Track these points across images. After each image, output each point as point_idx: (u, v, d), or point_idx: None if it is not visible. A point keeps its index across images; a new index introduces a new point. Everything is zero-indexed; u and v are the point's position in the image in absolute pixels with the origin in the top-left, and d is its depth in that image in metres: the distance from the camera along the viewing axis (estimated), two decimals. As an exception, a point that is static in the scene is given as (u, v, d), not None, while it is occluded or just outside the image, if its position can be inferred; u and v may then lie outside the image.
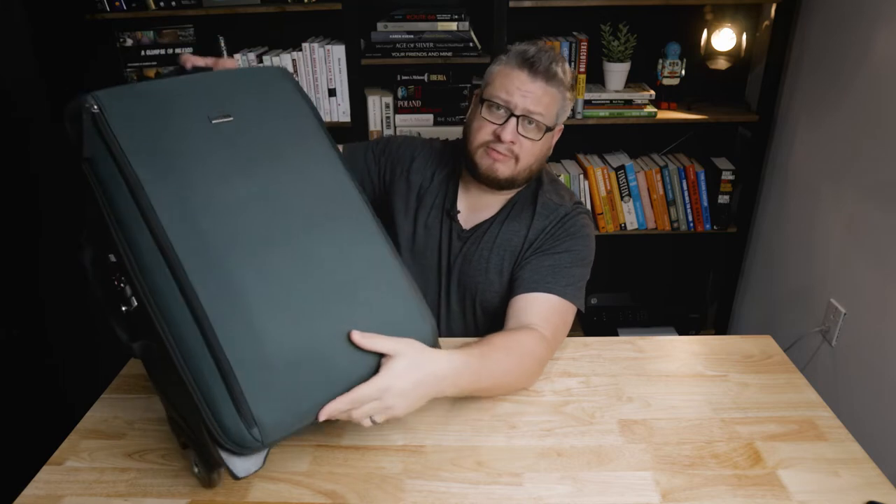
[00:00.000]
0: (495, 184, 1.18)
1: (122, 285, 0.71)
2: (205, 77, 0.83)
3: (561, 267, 1.14)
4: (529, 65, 1.11)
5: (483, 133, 1.15)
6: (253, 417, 0.65)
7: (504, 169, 1.15)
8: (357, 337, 0.78)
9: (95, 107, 0.71)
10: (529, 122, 1.12)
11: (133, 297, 0.69)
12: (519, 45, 1.15)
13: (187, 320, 0.67)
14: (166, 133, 0.73)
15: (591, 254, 1.20)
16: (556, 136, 1.20)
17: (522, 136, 1.13)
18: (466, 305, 1.26)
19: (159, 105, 0.75)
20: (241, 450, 0.68)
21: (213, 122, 0.76)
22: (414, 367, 0.82)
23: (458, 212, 1.25)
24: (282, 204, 0.77)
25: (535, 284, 1.12)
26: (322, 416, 0.76)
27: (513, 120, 1.12)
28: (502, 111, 1.12)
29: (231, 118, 0.77)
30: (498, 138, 1.12)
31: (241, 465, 0.69)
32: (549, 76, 1.12)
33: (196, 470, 0.84)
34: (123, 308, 0.71)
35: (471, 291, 1.24)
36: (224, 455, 0.69)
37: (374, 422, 0.82)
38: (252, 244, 0.73)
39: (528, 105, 1.11)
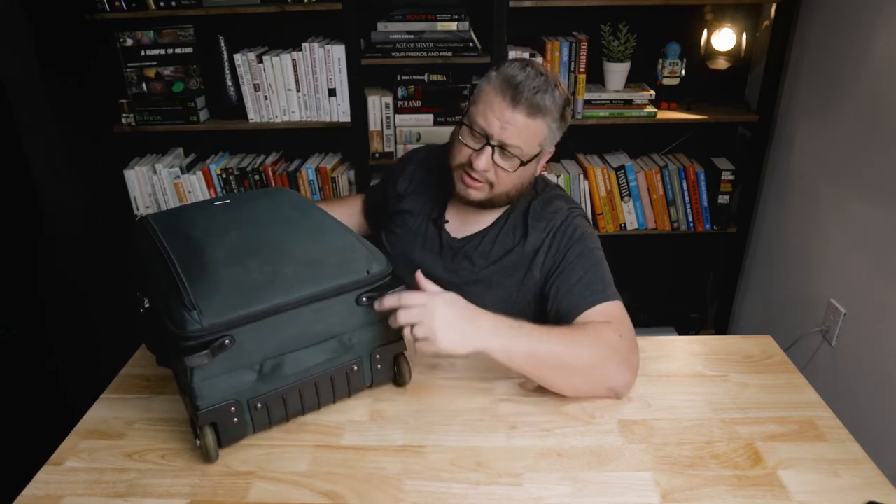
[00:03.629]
0: (471, 205, 1.17)
1: (139, 295, 0.97)
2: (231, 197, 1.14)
3: (587, 275, 1.11)
4: (513, 93, 1.06)
5: (460, 155, 1.13)
6: (192, 303, 0.82)
7: (478, 194, 1.14)
8: (419, 274, 0.95)
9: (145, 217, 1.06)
10: (506, 153, 1.09)
11: (146, 300, 0.96)
12: (509, 67, 1.09)
13: (163, 271, 0.90)
14: (182, 211, 1.07)
15: (600, 247, 1.17)
16: (544, 157, 1.16)
17: (497, 165, 1.10)
18: None
19: (183, 207, 1.12)
20: (186, 328, 0.81)
21: (215, 204, 1.07)
22: (460, 302, 0.93)
23: (447, 221, 1.24)
24: (248, 219, 1.02)
25: (577, 307, 1.08)
26: (377, 306, 0.93)
27: (488, 149, 1.09)
28: (479, 137, 1.09)
29: (228, 200, 1.07)
30: (472, 164, 1.10)
31: (195, 360, 0.82)
32: (532, 108, 1.06)
33: (197, 443, 0.89)
34: (141, 310, 0.97)
35: None
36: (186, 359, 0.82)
37: (415, 337, 0.90)
38: (219, 232, 0.96)
39: (504, 137, 1.07)
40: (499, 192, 1.14)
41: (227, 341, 0.83)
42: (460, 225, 1.24)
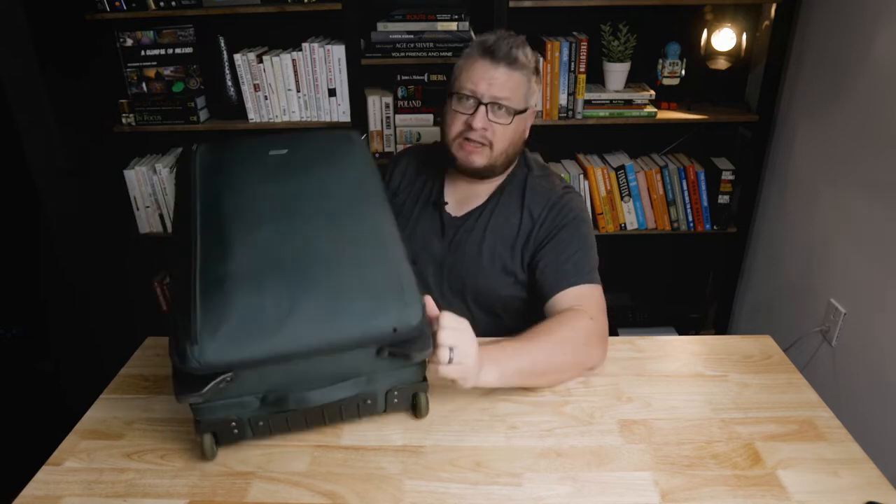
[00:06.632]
0: (475, 173, 1.22)
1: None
2: (293, 136, 1.04)
3: (576, 255, 1.18)
4: (490, 53, 1.16)
5: (456, 125, 1.19)
6: (196, 338, 0.77)
7: (479, 159, 1.20)
8: (429, 302, 0.89)
9: (195, 147, 1.00)
10: (498, 108, 1.16)
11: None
12: (480, 36, 1.20)
13: (186, 264, 0.85)
14: (233, 157, 0.98)
15: (592, 231, 1.24)
16: (529, 119, 1.24)
17: (493, 121, 1.17)
18: (458, 292, 1.27)
19: (238, 147, 1.01)
20: (185, 363, 0.78)
21: (270, 153, 0.97)
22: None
23: (446, 203, 1.28)
24: (291, 201, 0.91)
25: (563, 282, 1.15)
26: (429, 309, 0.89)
27: (482, 108, 1.16)
28: (471, 101, 1.17)
29: (286, 151, 0.97)
30: (470, 127, 1.17)
31: (188, 398, 0.80)
32: (511, 61, 1.16)
33: (200, 440, 0.89)
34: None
35: (463, 278, 1.26)
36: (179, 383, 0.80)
37: (450, 360, 0.87)
38: (253, 221, 0.88)
39: (493, 91, 1.15)
40: (498, 152, 1.20)
41: (223, 384, 0.79)
42: (458, 204, 1.28)
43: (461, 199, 1.29)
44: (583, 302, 1.11)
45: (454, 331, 0.88)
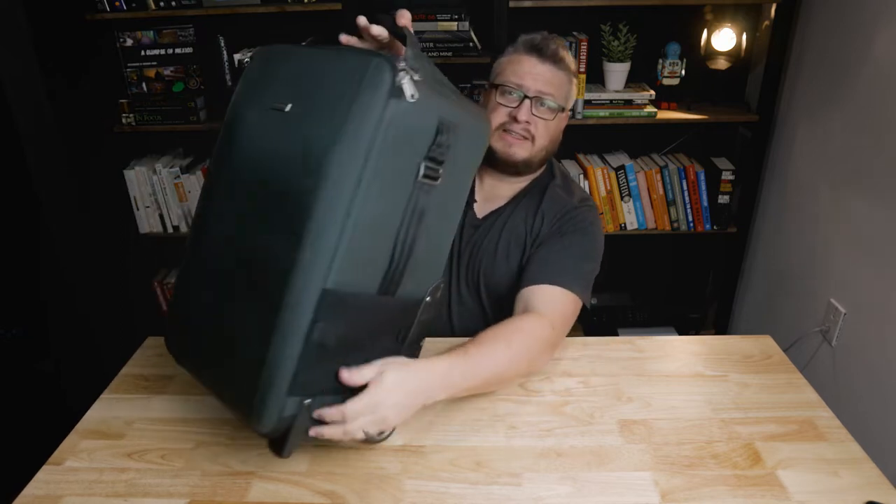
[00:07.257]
0: (513, 167, 1.22)
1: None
2: (320, 60, 0.82)
3: (568, 260, 1.16)
4: (538, 50, 1.19)
5: (498, 116, 1.19)
6: (168, 336, 0.91)
7: (521, 151, 1.20)
8: (345, 376, 0.78)
9: (247, 59, 0.92)
10: (542, 103, 1.18)
11: None
12: (526, 35, 1.22)
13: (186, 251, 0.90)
14: (244, 108, 0.85)
15: (598, 249, 1.22)
16: (565, 121, 1.25)
17: (536, 115, 1.18)
18: (474, 289, 1.28)
19: (269, 75, 0.85)
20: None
21: (273, 106, 0.80)
22: (402, 380, 0.82)
23: (475, 201, 1.28)
24: (249, 210, 0.80)
25: (542, 276, 1.13)
26: (313, 433, 0.78)
27: (527, 101, 1.17)
28: (515, 95, 1.18)
29: (287, 109, 0.79)
30: (514, 119, 1.18)
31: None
32: (557, 60, 1.19)
33: None
34: None
35: (477, 275, 1.26)
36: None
37: (366, 434, 0.81)
38: (220, 219, 0.84)
39: (539, 87, 1.17)
40: (538, 147, 1.21)
41: None
42: (481, 203, 1.29)
43: (486, 197, 1.29)
44: (552, 306, 1.08)
45: (363, 418, 0.79)
